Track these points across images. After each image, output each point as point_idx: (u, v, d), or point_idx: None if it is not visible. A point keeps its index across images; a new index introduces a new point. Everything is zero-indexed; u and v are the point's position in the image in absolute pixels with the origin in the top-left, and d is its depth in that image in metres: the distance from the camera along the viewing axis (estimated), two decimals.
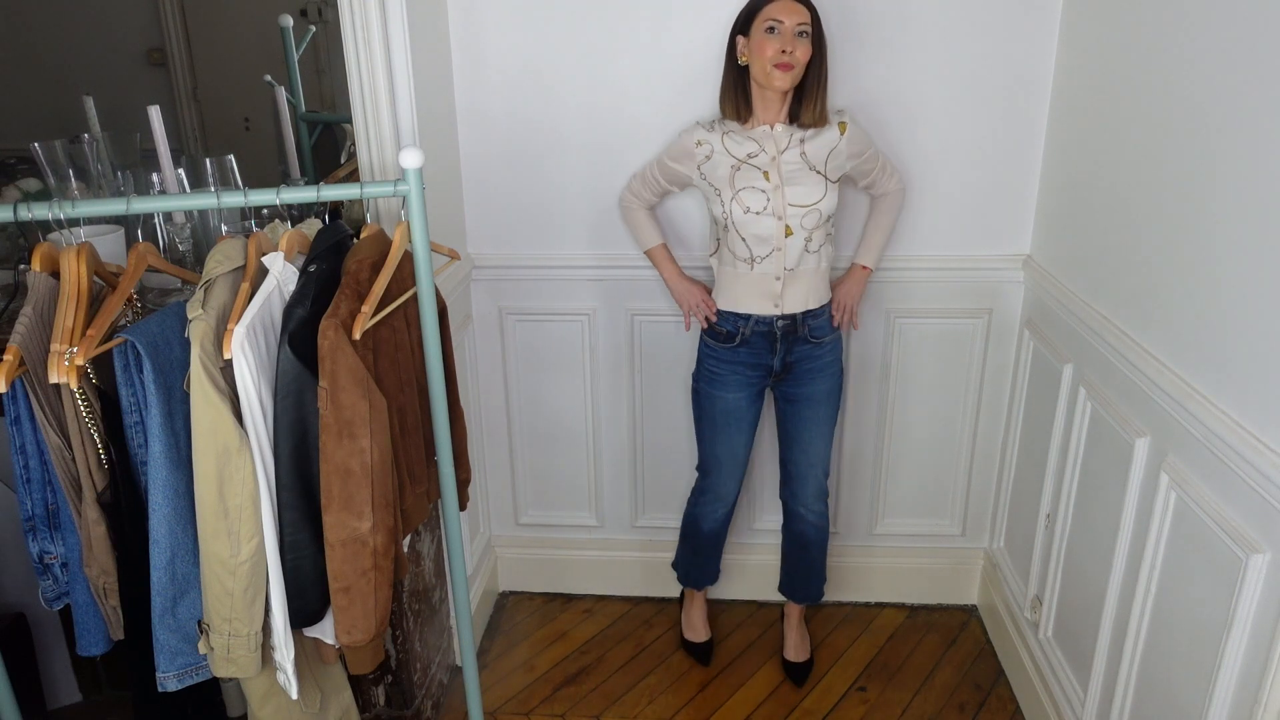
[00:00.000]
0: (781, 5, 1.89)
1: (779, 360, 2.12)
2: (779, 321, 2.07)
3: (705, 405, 2.18)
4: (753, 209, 1.98)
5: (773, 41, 1.89)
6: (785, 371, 2.14)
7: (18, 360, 1.34)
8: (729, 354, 2.11)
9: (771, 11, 1.89)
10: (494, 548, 2.72)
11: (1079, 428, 1.97)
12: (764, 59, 1.90)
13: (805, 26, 1.90)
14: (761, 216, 1.98)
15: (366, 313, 1.43)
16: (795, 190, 1.99)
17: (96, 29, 2.86)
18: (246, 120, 2.82)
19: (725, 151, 2.01)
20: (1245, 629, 1.38)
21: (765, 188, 1.99)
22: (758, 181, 1.99)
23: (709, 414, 2.18)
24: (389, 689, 2.13)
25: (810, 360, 2.13)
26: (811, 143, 2.01)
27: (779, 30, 1.88)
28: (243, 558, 1.43)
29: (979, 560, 2.63)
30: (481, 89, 2.28)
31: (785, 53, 1.88)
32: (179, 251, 1.94)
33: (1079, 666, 1.98)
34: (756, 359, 2.11)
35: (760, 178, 1.99)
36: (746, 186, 1.98)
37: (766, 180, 1.99)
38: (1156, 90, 1.67)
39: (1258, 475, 1.33)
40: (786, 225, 1.99)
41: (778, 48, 1.88)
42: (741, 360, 2.11)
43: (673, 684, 2.39)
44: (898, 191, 2.18)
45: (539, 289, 2.44)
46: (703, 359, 2.17)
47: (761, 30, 1.90)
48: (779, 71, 1.90)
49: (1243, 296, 1.40)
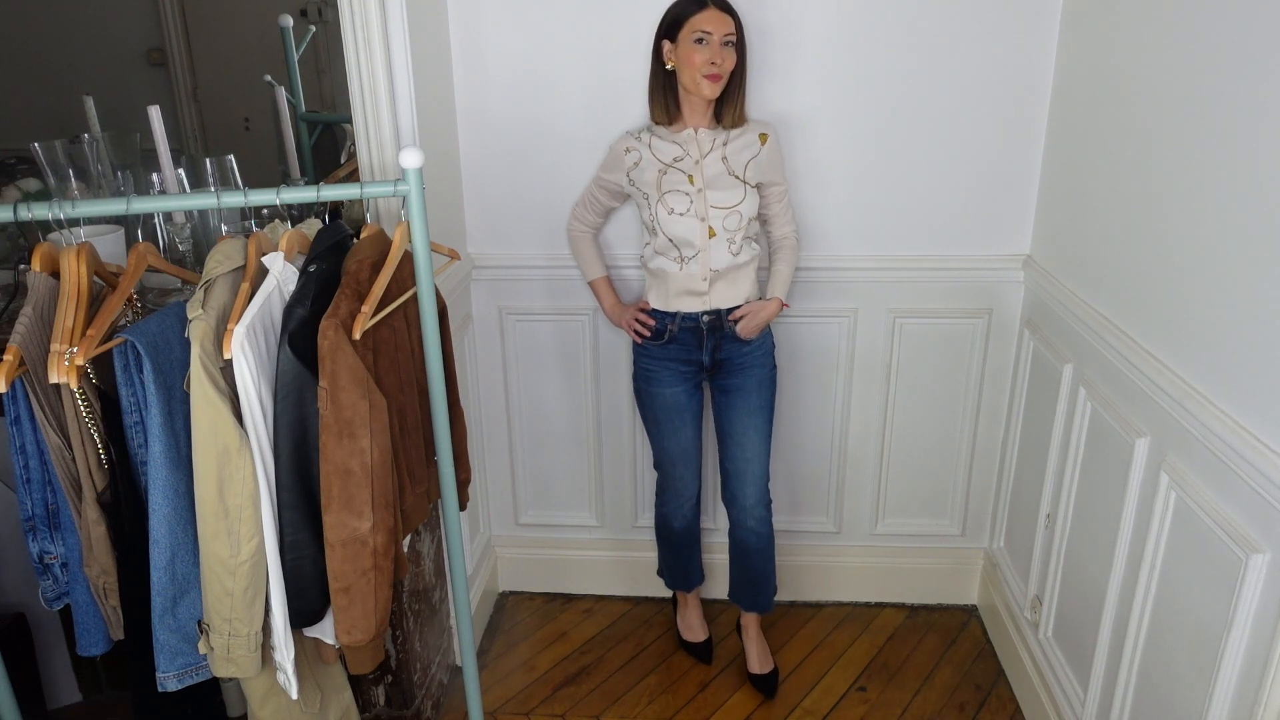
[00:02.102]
0: (709, 16, 1.93)
1: (708, 355, 2.16)
2: (704, 317, 2.11)
3: (647, 402, 2.23)
4: (677, 210, 2.04)
5: (701, 52, 1.93)
6: (716, 367, 2.18)
7: (18, 360, 1.34)
8: (660, 351, 2.16)
9: (699, 22, 1.93)
10: (494, 548, 2.72)
11: (1079, 428, 1.97)
12: (693, 69, 1.95)
13: (731, 36, 1.95)
14: (685, 218, 2.04)
15: (366, 313, 1.43)
16: (717, 194, 2.04)
17: (96, 29, 2.86)
18: (246, 120, 2.82)
19: (653, 157, 2.07)
20: (1245, 629, 1.38)
21: (689, 191, 2.04)
22: (682, 185, 2.04)
23: (652, 411, 2.23)
24: (389, 689, 2.13)
25: (740, 356, 2.16)
26: (733, 147, 2.07)
27: (707, 41, 1.93)
28: (243, 558, 1.43)
29: (979, 560, 2.63)
30: (481, 89, 2.28)
31: (714, 64, 1.94)
32: (179, 251, 1.94)
33: (1079, 666, 1.98)
34: (686, 354, 2.16)
35: (685, 181, 2.05)
36: (672, 190, 2.04)
37: (690, 184, 2.04)
38: (1156, 90, 1.67)
39: (1258, 475, 1.33)
40: (710, 227, 2.05)
41: (706, 58, 1.94)
42: (672, 356, 2.16)
43: (673, 684, 2.39)
44: (794, 240, 2.20)
45: (539, 289, 2.44)
46: (637, 358, 2.22)
47: (690, 40, 1.94)
48: (708, 82, 1.96)
49: (1243, 296, 1.40)
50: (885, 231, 2.33)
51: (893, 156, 2.27)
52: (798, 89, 2.23)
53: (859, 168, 2.28)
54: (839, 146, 2.27)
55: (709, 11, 1.94)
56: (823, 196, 2.31)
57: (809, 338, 2.43)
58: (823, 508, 2.62)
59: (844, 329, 2.41)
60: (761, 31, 2.17)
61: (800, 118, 2.25)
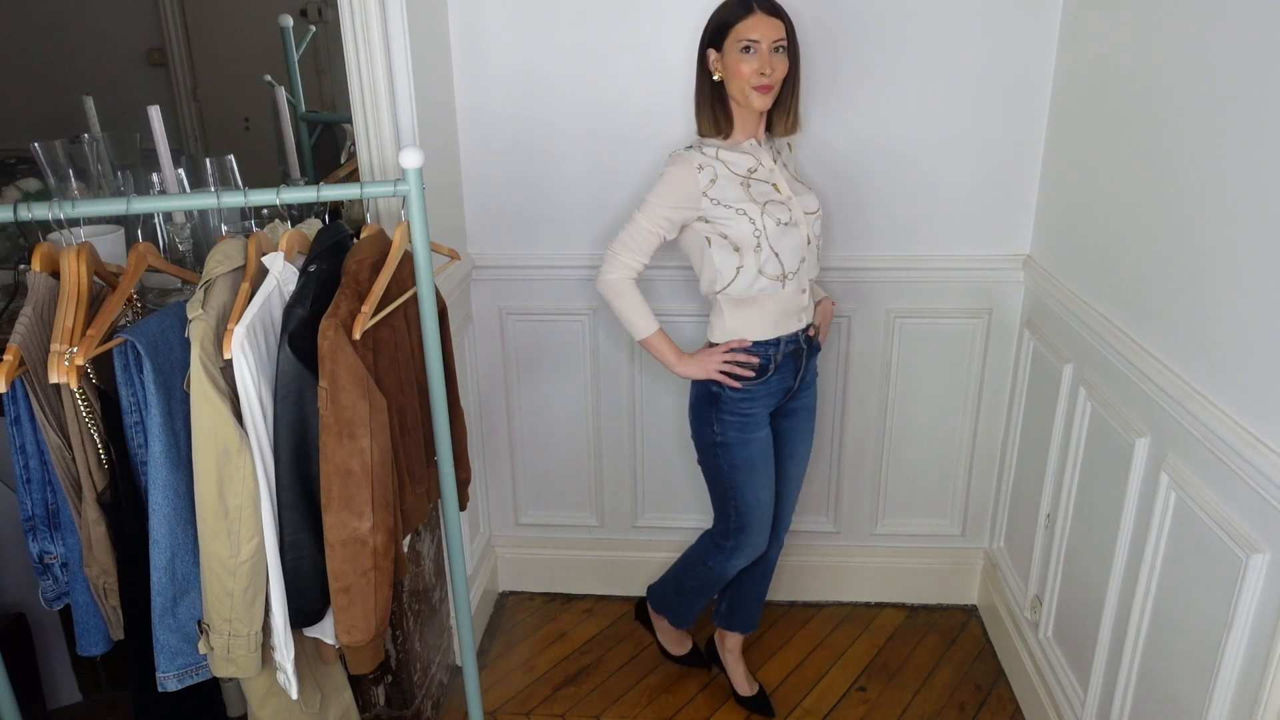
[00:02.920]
0: (756, 22, 1.76)
1: (798, 377, 1.99)
2: (804, 335, 1.96)
3: (740, 455, 1.95)
4: (783, 221, 1.86)
5: (749, 61, 1.77)
6: (798, 389, 2.02)
7: (18, 360, 1.34)
8: (762, 388, 1.93)
9: (745, 30, 1.76)
10: (494, 548, 2.72)
11: (1079, 428, 1.97)
12: (741, 80, 1.79)
13: (782, 41, 1.79)
14: (790, 227, 1.86)
15: (366, 313, 1.43)
16: (803, 198, 1.92)
17: (96, 29, 2.86)
18: (246, 120, 2.82)
19: (729, 171, 1.86)
20: (1245, 629, 1.38)
21: (782, 199, 1.88)
22: (774, 195, 1.87)
23: (745, 463, 1.96)
24: (389, 689, 2.13)
25: (811, 371, 2.07)
26: (783, 155, 2.01)
27: (755, 50, 1.77)
28: (243, 558, 1.43)
29: (979, 560, 2.63)
30: (481, 89, 2.28)
31: (764, 74, 1.77)
32: (179, 251, 1.94)
33: (1079, 666, 1.98)
34: (782, 383, 1.97)
35: (773, 190, 1.88)
36: (769, 200, 1.85)
37: (778, 192, 1.88)
38: (1156, 90, 1.67)
39: (1258, 475, 1.33)
40: (807, 234, 1.91)
41: (755, 68, 1.77)
42: (772, 390, 1.95)
43: (673, 684, 2.39)
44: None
45: (539, 289, 2.44)
46: (727, 406, 1.93)
47: (736, 50, 1.78)
48: (758, 94, 1.80)
49: (1243, 296, 1.40)
50: (885, 231, 2.33)
51: (892, 156, 2.27)
52: None
53: (858, 168, 2.28)
54: (839, 147, 2.27)
55: (756, 17, 1.76)
56: (822, 197, 2.30)
57: None
58: (823, 508, 2.62)
59: (844, 328, 2.41)
60: None
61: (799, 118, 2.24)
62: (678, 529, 2.64)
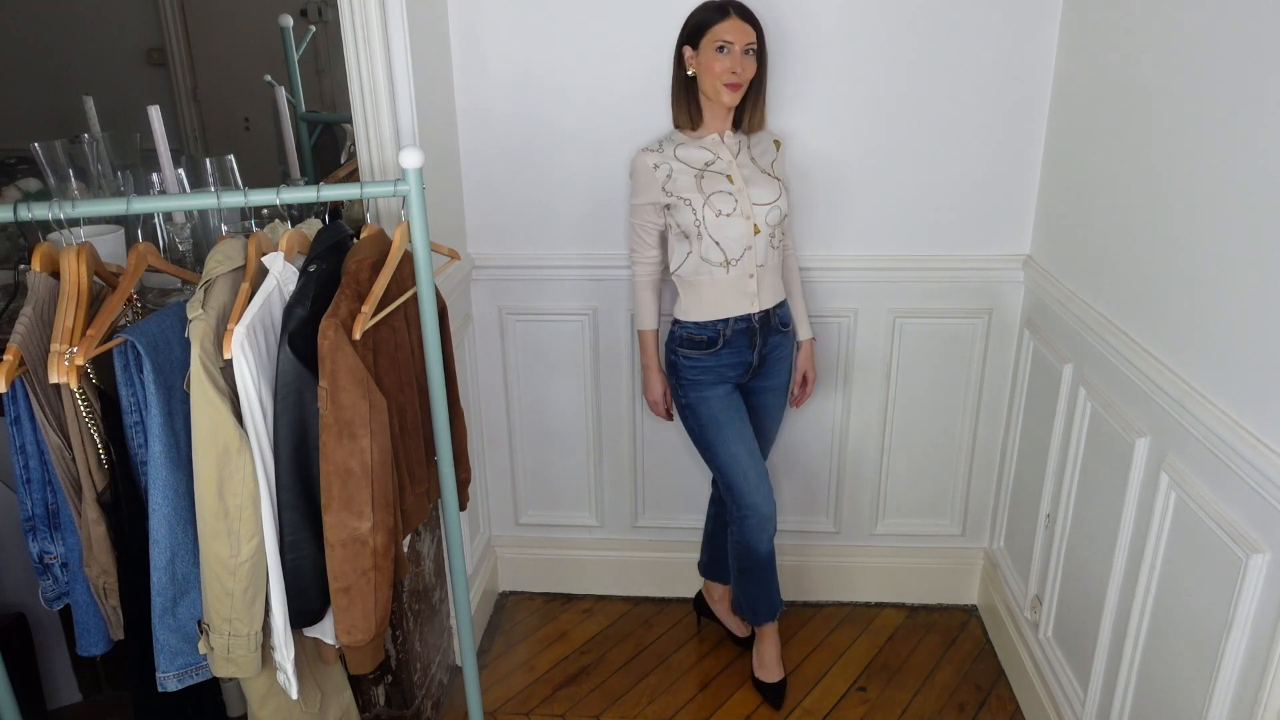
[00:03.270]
0: (730, 25, 1.94)
1: (757, 354, 2.13)
2: (756, 316, 2.09)
3: (706, 411, 2.12)
4: (724, 211, 2.01)
5: (722, 60, 1.94)
6: (760, 365, 2.15)
7: (18, 360, 1.34)
8: (711, 360, 2.10)
9: (721, 32, 1.94)
10: (494, 548, 2.72)
11: (1079, 428, 1.97)
12: (714, 77, 1.96)
13: (753, 45, 1.96)
14: (732, 218, 2.02)
15: (366, 313, 1.43)
16: (757, 190, 2.05)
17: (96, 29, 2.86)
18: (246, 120, 2.82)
19: (683, 164, 2.04)
20: (1245, 629, 1.38)
21: (731, 190, 2.03)
22: (723, 185, 2.03)
23: (714, 417, 2.12)
24: (389, 689, 2.13)
25: (778, 349, 2.17)
26: (755, 150, 2.09)
27: (728, 50, 1.94)
28: (243, 558, 1.43)
29: (979, 560, 2.63)
30: (481, 89, 2.28)
31: (735, 73, 1.95)
32: (179, 251, 1.94)
33: (1079, 666, 1.98)
34: (737, 357, 2.11)
35: (725, 181, 2.03)
36: (716, 191, 2.02)
37: (731, 183, 2.03)
38: (1156, 90, 1.67)
39: (1258, 475, 1.33)
40: (755, 224, 2.04)
41: (727, 67, 1.95)
42: (723, 362, 2.11)
43: (673, 684, 2.39)
44: (793, 254, 2.24)
45: (539, 289, 2.44)
46: (681, 371, 2.13)
47: (711, 49, 1.95)
48: (728, 90, 1.97)
49: (1243, 296, 1.40)
50: (885, 231, 2.33)
51: (893, 156, 2.27)
52: (797, 90, 2.23)
53: (859, 168, 2.28)
54: (839, 147, 2.27)
55: (731, 21, 1.94)
56: (822, 196, 2.31)
57: None
58: (823, 508, 2.62)
59: (844, 329, 2.42)
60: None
61: (799, 118, 2.25)
62: (678, 529, 2.64)
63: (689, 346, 2.11)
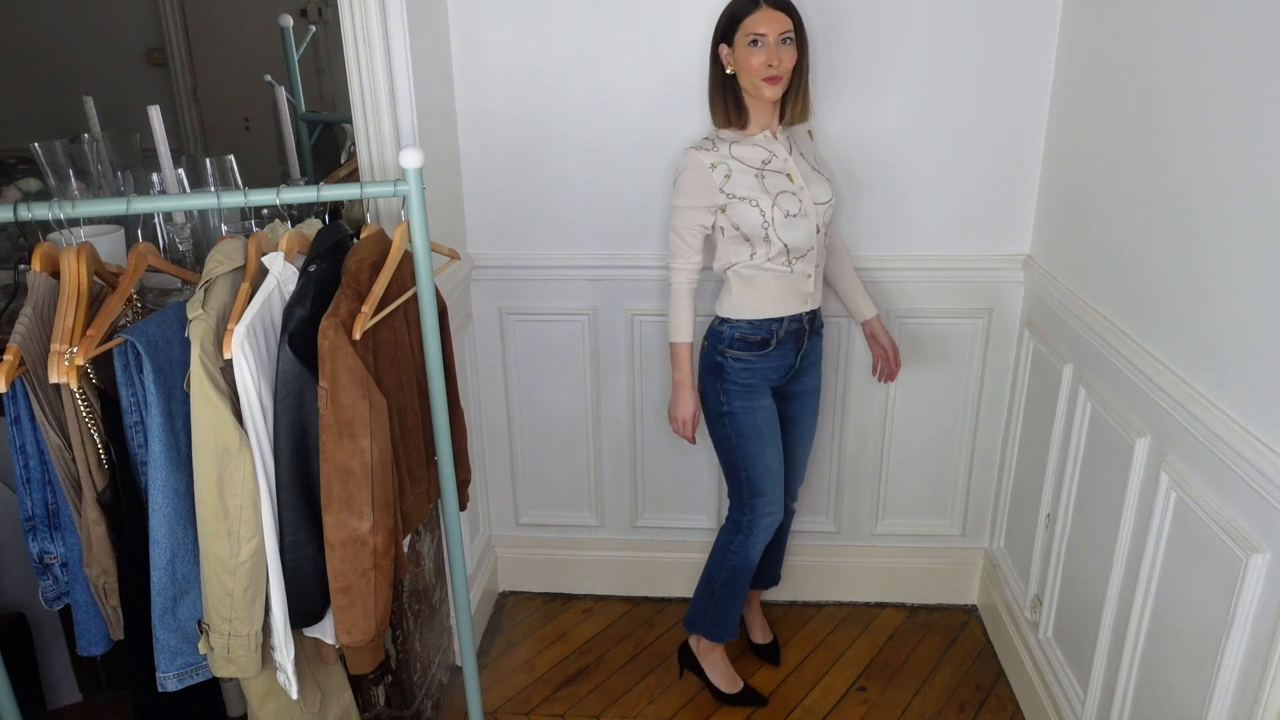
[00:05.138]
0: (763, 16, 1.85)
1: (800, 357, 2.09)
2: (807, 317, 2.06)
3: (746, 422, 2.04)
4: (791, 212, 1.93)
5: (758, 54, 1.86)
6: (799, 368, 2.11)
7: (18, 360, 1.34)
8: (761, 361, 2.03)
9: (753, 24, 1.85)
10: (494, 548, 2.72)
11: (1079, 428, 1.97)
12: (751, 73, 1.88)
13: (789, 33, 1.87)
14: (799, 219, 1.94)
15: (366, 313, 1.43)
16: (815, 189, 1.99)
17: (96, 29, 2.86)
18: (246, 120, 2.83)
19: (740, 163, 1.94)
20: (1245, 629, 1.38)
21: (794, 190, 1.95)
22: (786, 185, 1.95)
23: (752, 430, 2.05)
24: (389, 689, 2.13)
25: (814, 353, 2.16)
26: (799, 144, 2.06)
27: (763, 42, 1.85)
28: (243, 558, 1.43)
29: (979, 560, 2.63)
30: (481, 89, 2.28)
31: (772, 65, 1.86)
32: (179, 251, 1.94)
33: (1079, 666, 1.98)
34: (783, 360, 2.06)
35: (786, 180, 1.95)
36: (781, 191, 1.93)
37: (792, 182, 1.96)
38: (1156, 90, 1.67)
39: (1258, 475, 1.33)
40: (816, 225, 1.98)
41: (764, 60, 1.86)
42: (771, 364, 2.05)
43: (673, 684, 2.39)
44: (839, 237, 2.21)
45: (539, 289, 2.44)
46: (730, 375, 2.03)
47: (745, 43, 1.87)
48: (767, 85, 1.88)
49: (1243, 296, 1.40)
50: (885, 231, 2.33)
51: (892, 156, 2.27)
52: None
53: (858, 168, 2.28)
54: (838, 147, 2.26)
55: (762, 11, 1.85)
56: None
57: None
58: (823, 508, 2.62)
59: (844, 329, 2.41)
60: None
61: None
62: (678, 529, 2.64)
63: (740, 348, 2.01)
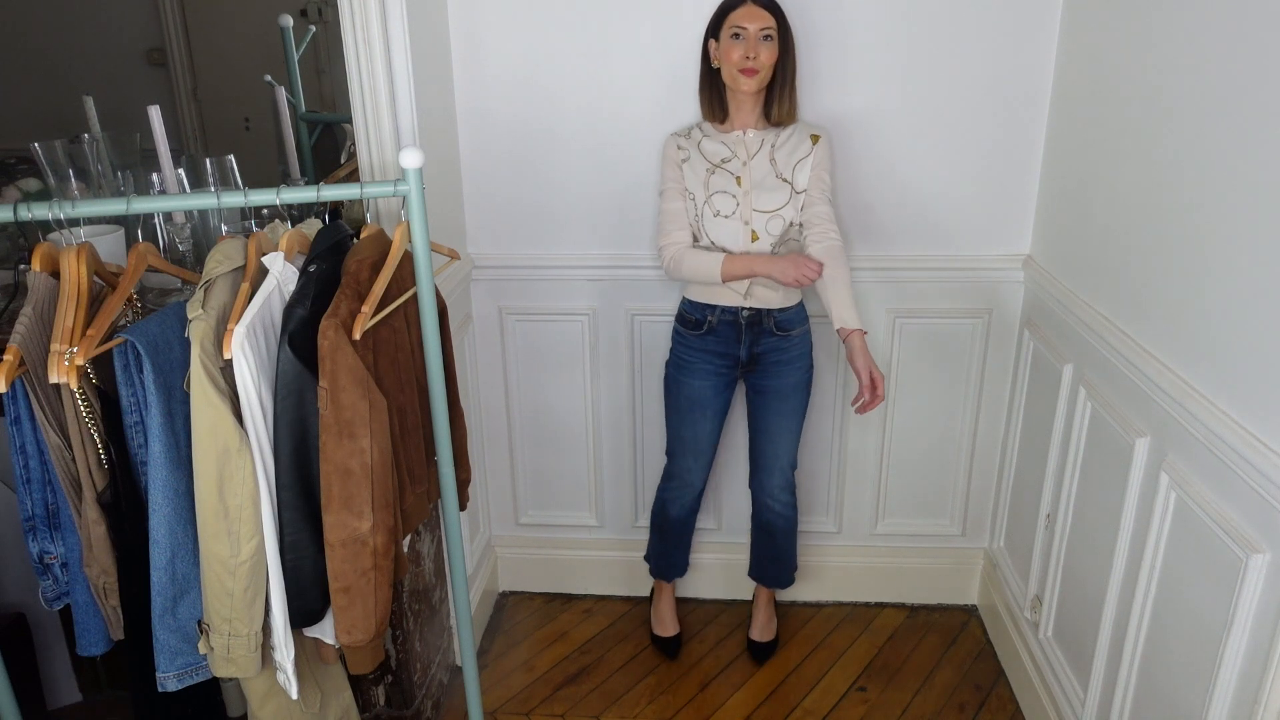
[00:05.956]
0: (745, 11, 1.96)
1: (745, 350, 2.15)
2: (744, 312, 2.11)
3: (673, 390, 2.23)
4: (722, 213, 2.04)
5: (738, 47, 1.96)
6: (753, 363, 2.17)
7: (18, 360, 1.34)
8: (698, 341, 2.16)
9: (736, 18, 1.96)
10: (494, 548, 2.73)
11: (1079, 428, 1.97)
12: (730, 64, 1.98)
13: (769, 30, 1.96)
14: (730, 221, 2.04)
15: (366, 313, 1.43)
16: (762, 196, 2.05)
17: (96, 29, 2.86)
18: (246, 120, 2.83)
19: (701, 156, 2.07)
20: (1245, 629, 1.38)
21: (735, 192, 2.04)
22: (729, 186, 2.05)
23: (676, 399, 2.23)
24: (389, 689, 2.13)
25: (778, 353, 2.17)
26: (782, 150, 2.07)
27: (743, 36, 1.96)
28: (243, 558, 1.43)
29: (979, 560, 2.63)
30: (481, 89, 2.28)
31: (749, 58, 1.96)
32: (179, 251, 1.94)
33: (1079, 666, 1.98)
34: (724, 348, 2.15)
35: (732, 182, 2.05)
36: (719, 191, 2.04)
37: (738, 185, 2.05)
38: (1156, 91, 1.67)
39: (1258, 475, 1.33)
40: (753, 230, 2.04)
41: (742, 53, 1.96)
42: (709, 349, 2.16)
43: (673, 684, 2.39)
44: (841, 247, 2.03)
45: (539, 289, 2.44)
46: (674, 345, 2.22)
47: (728, 37, 1.97)
48: (744, 76, 1.98)
49: (1243, 296, 1.40)
50: (885, 231, 2.33)
51: (893, 156, 2.27)
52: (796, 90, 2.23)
53: (859, 168, 2.28)
54: (838, 147, 2.26)
55: (746, 7, 1.96)
56: None
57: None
58: (823, 508, 2.62)
59: None
60: None
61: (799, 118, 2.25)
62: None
63: (682, 323, 2.19)
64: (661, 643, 2.51)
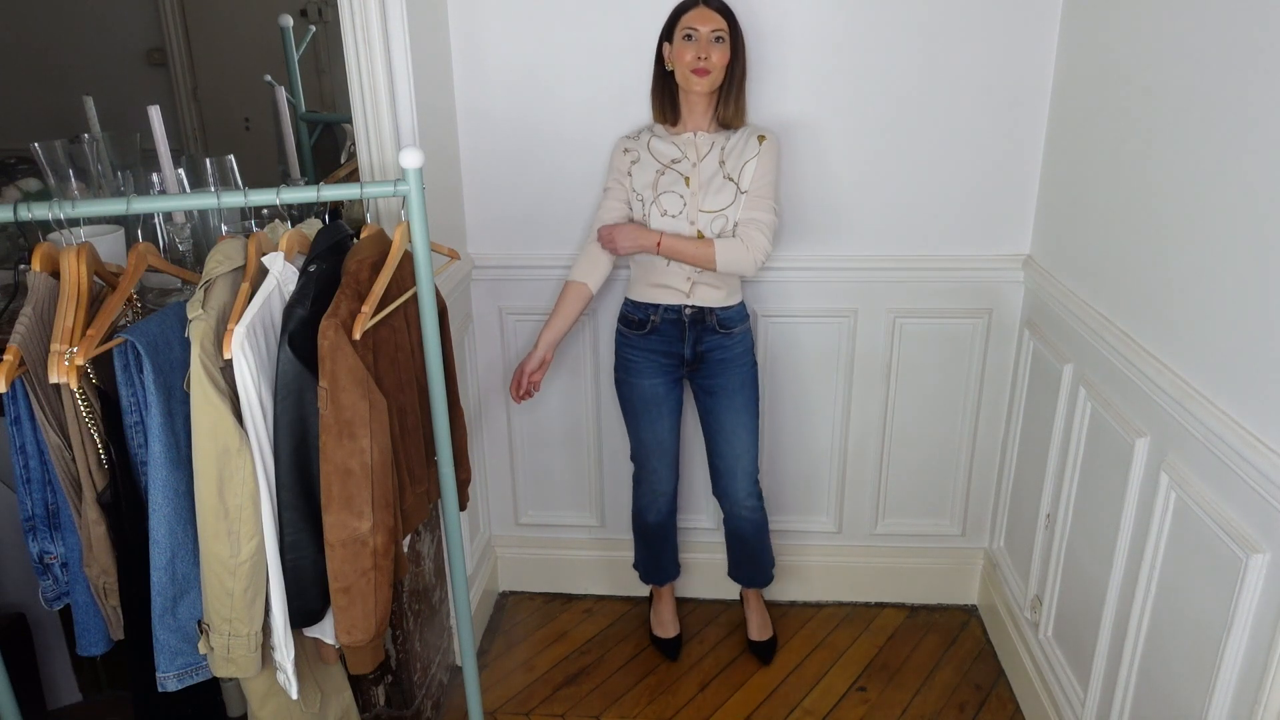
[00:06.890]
0: (697, 14, 2.00)
1: (689, 349, 2.18)
2: (687, 310, 2.14)
3: (626, 394, 2.26)
4: (670, 213, 2.07)
5: (690, 48, 1.99)
6: (697, 361, 2.20)
7: (18, 360, 1.34)
8: (642, 341, 2.19)
9: (688, 20, 2.00)
10: (494, 548, 2.72)
11: (1079, 428, 1.97)
12: (683, 64, 2.01)
13: (721, 32, 1.99)
14: (676, 221, 2.07)
15: (366, 313, 1.43)
16: (709, 197, 2.07)
17: (96, 29, 2.86)
18: (246, 120, 2.83)
19: (651, 156, 2.11)
20: (1245, 629, 1.38)
21: (684, 193, 2.07)
22: (677, 187, 2.08)
23: (630, 402, 2.25)
24: (389, 689, 2.13)
25: (722, 350, 2.19)
26: (732, 150, 2.08)
27: (695, 37, 1.99)
28: (243, 558, 1.43)
29: (979, 560, 2.63)
30: (481, 89, 2.28)
31: (701, 59, 1.98)
32: (179, 251, 1.94)
33: (1079, 666, 1.98)
34: (668, 346, 2.18)
35: (681, 183, 2.08)
36: (667, 191, 2.08)
37: (686, 186, 2.07)
38: (1156, 90, 1.67)
39: (1258, 475, 1.33)
40: (699, 230, 2.06)
41: (694, 54, 1.99)
42: (653, 348, 2.19)
43: (673, 684, 2.39)
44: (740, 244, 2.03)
45: (539, 289, 2.44)
46: (619, 349, 2.24)
47: (681, 38, 2.00)
48: (695, 76, 2.00)
49: (1242, 296, 1.40)
50: (885, 231, 2.33)
51: (892, 156, 2.27)
52: (796, 90, 2.23)
53: (859, 168, 2.28)
54: (839, 147, 2.27)
55: (698, 9, 2.00)
56: (822, 196, 2.31)
57: (809, 337, 2.43)
58: (823, 508, 2.62)
59: (844, 329, 2.41)
60: (759, 32, 2.17)
61: (799, 118, 2.25)
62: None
63: (625, 324, 2.22)
64: (662, 644, 2.51)
